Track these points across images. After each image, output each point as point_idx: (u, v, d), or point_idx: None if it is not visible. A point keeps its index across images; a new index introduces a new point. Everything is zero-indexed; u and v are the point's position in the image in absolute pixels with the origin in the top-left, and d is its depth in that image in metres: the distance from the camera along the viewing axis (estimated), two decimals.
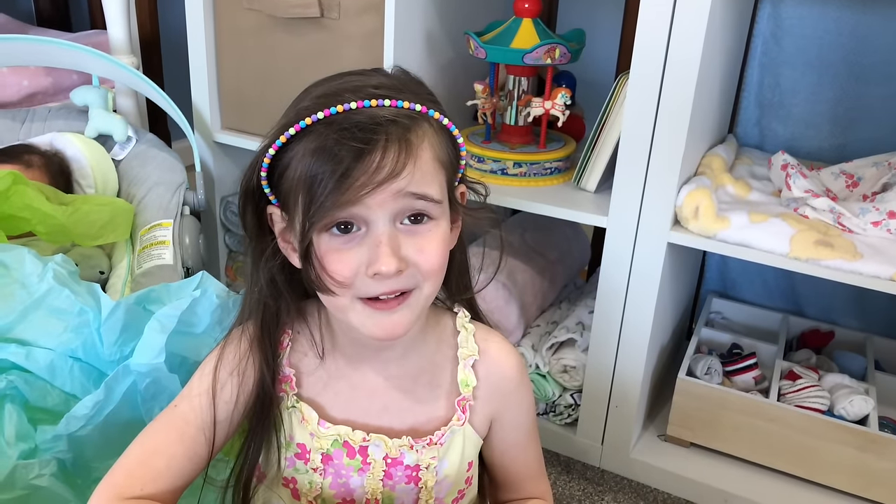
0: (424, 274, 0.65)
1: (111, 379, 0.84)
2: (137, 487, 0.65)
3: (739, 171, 1.32)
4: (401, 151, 0.61)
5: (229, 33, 1.46)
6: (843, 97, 1.36)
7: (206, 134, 1.54)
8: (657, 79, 1.10)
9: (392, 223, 0.63)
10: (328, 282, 0.63)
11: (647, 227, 1.17)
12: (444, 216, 0.67)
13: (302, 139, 0.62)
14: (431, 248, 0.64)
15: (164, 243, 1.31)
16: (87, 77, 1.56)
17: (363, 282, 0.63)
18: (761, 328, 1.51)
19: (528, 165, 1.31)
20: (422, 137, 0.63)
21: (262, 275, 0.69)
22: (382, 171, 0.60)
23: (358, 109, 0.61)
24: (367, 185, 0.60)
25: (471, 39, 1.28)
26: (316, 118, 0.61)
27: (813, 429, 1.20)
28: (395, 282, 0.63)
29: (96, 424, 0.81)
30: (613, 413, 1.30)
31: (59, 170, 1.39)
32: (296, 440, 0.71)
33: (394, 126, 0.61)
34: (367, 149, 0.60)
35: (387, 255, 0.61)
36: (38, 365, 0.88)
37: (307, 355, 0.73)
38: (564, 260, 1.56)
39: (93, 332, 0.91)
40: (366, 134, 0.60)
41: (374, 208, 0.61)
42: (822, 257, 1.06)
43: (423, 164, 0.63)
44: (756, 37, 1.41)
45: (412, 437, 0.71)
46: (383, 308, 0.64)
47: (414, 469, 0.71)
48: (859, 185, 1.25)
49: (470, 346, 0.74)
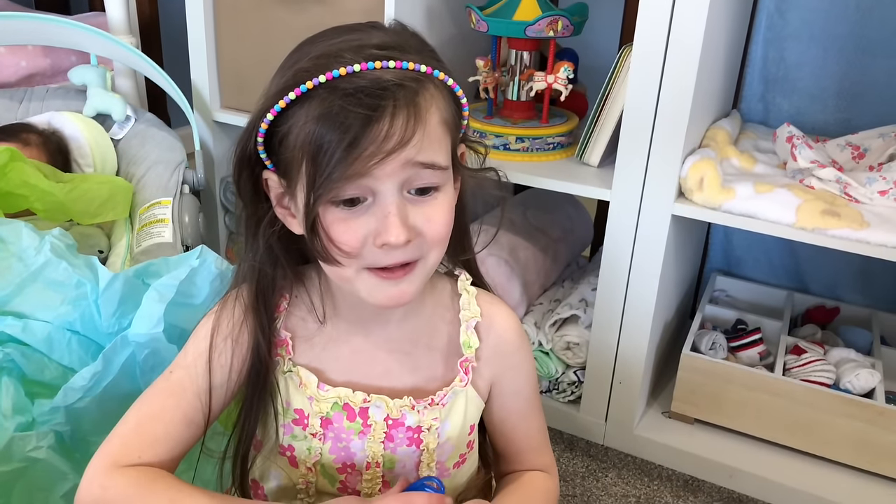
0: (430, 242, 0.63)
1: (109, 350, 0.83)
2: (135, 455, 0.64)
3: (744, 145, 1.31)
4: (409, 118, 0.58)
5: (228, 11, 1.44)
6: (849, 70, 1.35)
7: (206, 113, 1.52)
8: (661, 49, 1.08)
9: (400, 193, 0.61)
10: (335, 253, 0.62)
11: (651, 199, 1.15)
12: (450, 181, 0.65)
13: (303, 104, 0.59)
14: (438, 216, 0.63)
15: (164, 221, 1.30)
16: (85, 59, 1.55)
17: (371, 252, 0.62)
18: (766, 305, 1.49)
19: (531, 140, 1.30)
20: (429, 101, 0.61)
21: (259, 241, 0.67)
22: (392, 139, 0.58)
23: (361, 72, 0.58)
24: (376, 154, 0.57)
25: (472, 12, 1.27)
26: (318, 82, 0.58)
27: (819, 402, 1.19)
28: (402, 252, 0.62)
29: (94, 396, 0.80)
30: (617, 390, 1.29)
31: (58, 148, 1.38)
32: (293, 406, 0.70)
33: (401, 90, 0.58)
34: (375, 116, 0.57)
35: (396, 226, 0.60)
36: (35, 338, 0.87)
37: (305, 320, 0.71)
38: (567, 238, 1.55)
39: (90, 304, 0.90)
40: (373, 100, 0.57)
41: (383, 178, 0.59)
42: (829, 227, 1.05)
43: (431, 131, 0.61)
44: (760, 11, 1.40)
45: (413, 397, 0.70)
46: (390, 277, 0.63)
47: (416, 431, 0.70)
48: (865, 156, 1.24)
49: (472, 309, 0.73)
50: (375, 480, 0.71)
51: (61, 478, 0.77)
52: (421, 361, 0.72)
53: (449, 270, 0.76)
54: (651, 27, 1.08)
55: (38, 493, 0.76)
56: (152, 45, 1.87)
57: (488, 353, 0.73)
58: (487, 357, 0.73)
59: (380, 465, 0.70)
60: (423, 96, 0.60)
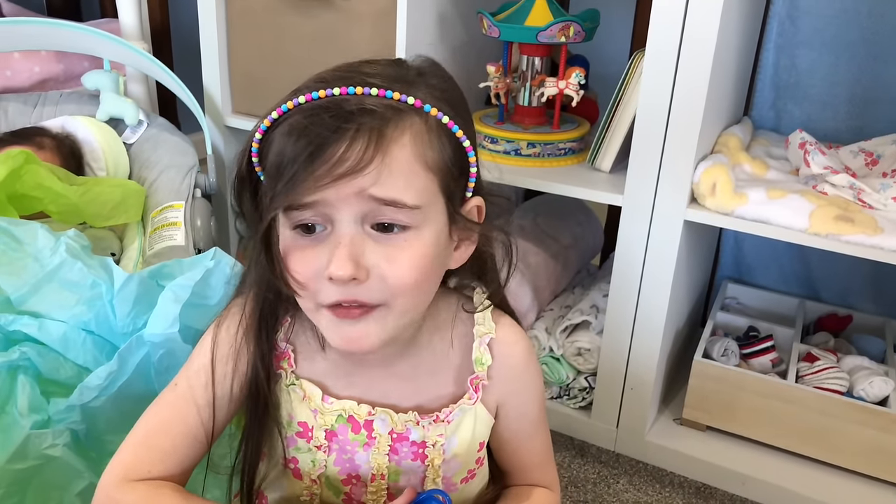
0: (392, 289, 0.59)
1: (124, 349, 0.83)
2: (145, 469, 0.64)
3: (756, 151, 1.31)
4: (369, 145, 0.55)
5: (240, 15, 1.45)
6: (861, 77, 1.34)
7: (218, 118, 1.53)
8: (674, 53, 1.09)
9: (358, 225, 0.58)
10: (289, 281, 0.60)
11: (664, 204, 1.15)
12: (430, 225, 0.60)
13: (286, 121, 0.58)
14: (405, 260, 0.58)
15: (176, 224, 1.31)
16: (98, 64, 1.56)
17: (323, 286, 0.59)
18: (777, 313, 1.49)
19: (542, 146, 1.30)
20: (402, 132, 0.57)
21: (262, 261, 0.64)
22: (344, 164, 0.55)
23: (340, 96, 0.56)
24: (325, 177, 0.55)
25: (484, 18, 1.27)
26: (297, 102, 0.57)
27: (832, 410, 1.18)
28: (354, 291, 0.58)
29: (109, 395, 0.80)
30: (629, 396, 1.28)
31: (71, 152, 1.39)
32: (296, 418, 0.68)
33: (369, 116, 0.56)
34: (333, 137, 0.55)
35: (341, 258, 0.57)
36: (50, 337, 0.87)
37: (307, 335, 0.69)
38: (577, 245, 1.54)
39: (105, 304, 0.90)
40: (336, 122, 0.55)
41: (338, 206, 0.57)
42: (843, 232, 1.05)
43: (396, 164, 0.57)
44: (771, 18, 1.40)
45: (418, 412, 0.68)
46: (345, 317, 0.60)
47: (420, 446, 0.69)
48: (879, 162, 1.23)
49: (487, 325, 0.71)
50: (380, 492, 0.70)
51: (76, 476, 0.77)
52: (422, 386, 0.70)
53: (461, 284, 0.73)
54: (664, 31, 1.08)
55: (54, 492, 0.76)
56: (163, 51, 1.88)
57: (499, 372, 0.71)
58: (497, 375, 0.71)
59: (385, 477, 0.69)
60: (394, 126, 0.57)
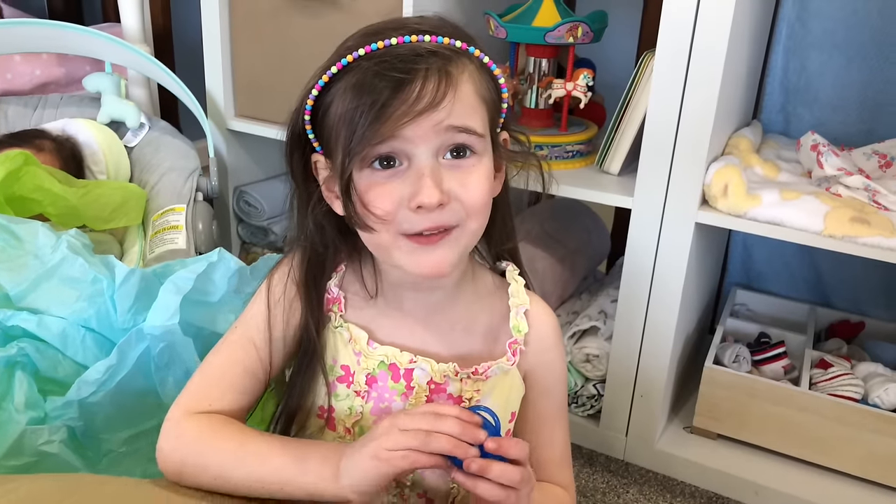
0: (468, 209, 0.64)
1: (124, 343, 0.81)
2: (205, 403, 0.68)
3: (766, 154, 1.29)
4: (440, 81, 0.61)
5: (243, 18, 1.44)
6: (872, 79, 1.33)
7: (220, 122, 1.51)
8: (685, 54, 1.07)
9: (434, 157, 0.63)
10: (369, 218, 0.63)
11: (675, 206, 1.13)
12: (487, 154, 0.66)
13: (344, 77, 0.62)
14: (475, 182, 0.64)
15: (177, 228, 1.29)
16: (99, 68, 1.54)
17: (406, 216, 0.63)
18: (788, 319, 1.46)
19: (550, 148, 1.28)
20: (462, 70, 0.63)
21: (309, 221, 0.70)
22: (422, 101, 0.60)
23: (398, 44, 0.62)
24: (406, 114, 0.60)
25: (491, 19, 1.26)
26: (357, 55, 0.62)
27: (847, 417, 1.16)
28: (438, 216, 0.63)
29: (108, 391, 0.78)
30: (638, 403, 1.25)
31: (71, 155, 1.37)
32: (339, 362, 0.71)
33: (434, 57, 0.61)
34: (407, 79, 0.60)
35: (429, 187, 0.61)
36: (50, 333, 0.86)
37: (357, 285, 0.73)
38: (584, 250, 1.52)
39: (106, 300, 0.88)
40: (405, 64, 0.60)
41: (416, 141, 0.61)
42: (859, 234, 1.02)
43: (464, 97, 0.62)
44: (781, 20, 1.38)
45: (458, 364, 0.71)
46: (426, 243, 0.64)
47: (456, 400, 0.70)
48: (892, 164, 1.21)
49: (521, 297, 0.75)
50: None
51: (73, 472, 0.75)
52: (459, 341, 0.73)
53: (492, 265, 0.78)
54: (675, 32, 1.07)
55: None
56: (165, 55, 1.86)
57: (532, 342, 0.75)
58: (531, 345, 0.75)
59: None
60: (455, 65, 0.63)
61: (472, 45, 0.64)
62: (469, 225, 0.65)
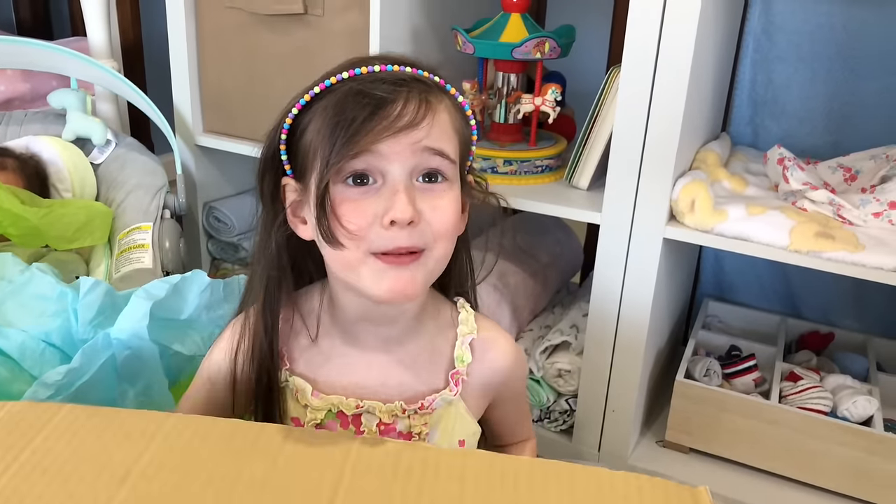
0: (436, 233, 0.65)
1: (88, 347, 0.79)
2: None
3: (734, 167, 1.29)
4: (421, 104, 0.63)
5: (211, 33, 1.42)
6: (838, 92, 1.34)
7: (188, 137, 1.50)
8: (649, 70, 1.07)
9: (409, 177, 0.64)
10: (341, 233, 0.64)
11: (642, 222, 1.13)
12: (457, 184, 0.68)
13: (324, 97, 0.65)
14: (445, 206, 0.66)
15: (144, 247, 1.27)
16: (66, 83, 1.52)
17: (377, 233, 0.64)
18: (759, 331, 1.47)
19: (519, 163, 1.28)
20: (440, 101, 0.66)
21: (271, 243, 0.70)
22: (402, 119, 0.62)
23: (381, 71, 0.65)
24: (386, 129, 0.62)
25: (458, 35, 1.25)
26: (341, 77, 0.64)
27: (816, 431, 1.16)
28: (408, 235, 0.64)
29: (66, 395, 0.76)
30: (610, 418, 1.25)
31: (35, 173, 1.35)
32: (289, 414, 0.73)
33: (416, 83, 0.64)
34: (389, 98, 0.62)
35: (403, 202, 0.62)
36: (9, 343, 0.85)
37: (299, 335, 0.74)
38: (557, 263, 1.52)
39: (69, 314, 0.87)
40: (388, 86, 0.63)
41: (392, 158, 0.63)
42: (824, 249, 1.03)
43: (442, 123, 0.65)
44: (748, 34, 1.39)
45: (406, 402, 0.72)
46: (396, 263, 0.64)
47: (406, 436, 0.72)
48: (857, 178, 1.22)
49: (469, 325, 0.76)
50: None
51: None
52: (420, 376, 0.73)
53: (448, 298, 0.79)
54: (639, 48, 1.07)
55: None
56: (135, 69, 1.85)
57: (482, 375, 0.75)
58: (479, 378, 0.75)
59: None
60: (434, 96, 0.66)
61: (448, 84, 0.68)
62: (436, 250, 0.66)
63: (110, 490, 0.52)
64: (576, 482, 0.55)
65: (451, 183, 0.67)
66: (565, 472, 0.56)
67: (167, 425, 0.59)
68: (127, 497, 0.51)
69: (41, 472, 0.53)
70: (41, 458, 0.54)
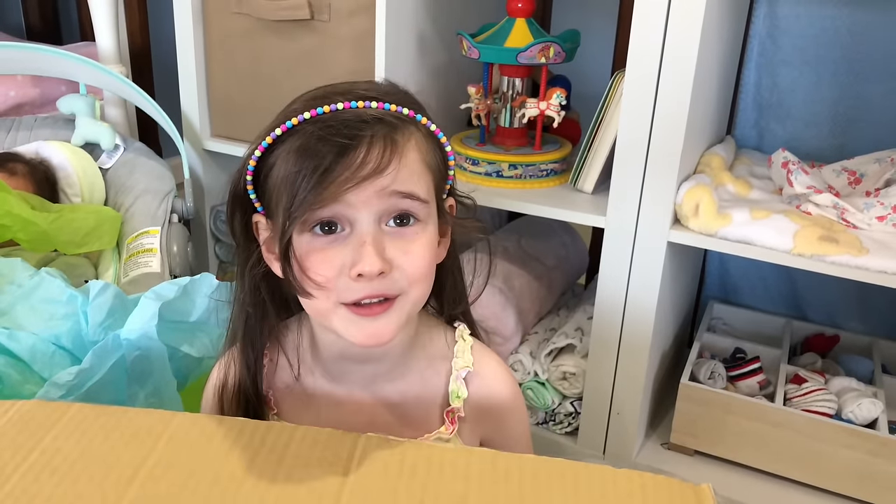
0: (410, 278, 0.63)
1: (99, 348, 0.80)
2: None
3: (739, 171, 1.30)
4: (386, 148, 0.60)
5: (218, 39, 1.44)
6: (843, 95, 1.34)
7: (196, 142, 1.51)
8: (654, 73, 1.07)
9: (377, 224, 0.61)
10: (308, 284, 0.62)
11: (647, 226, 1.14)
12: (432, 221, 0.65)
13: (287, 140, 0.61)
14: (417, 250, 0.63)
15: (152, 251, 1.28)
16: (75, 89, 1.54)
17: (346, 284, 0.61)
18: (764, 333, 1.47)
19: (524, 167, 1.29)
20: (408, 138, 0.62)
21: (246, 281, 0.68)
22: (366, 166, 0.59)
23: (344, 109, 0.61)
24: (350, 180, 0.59)
25: (464, 40, 1.26)
26: (302, 118, 0.61)
27: (821, 433, 1.16)
28: (379, 284, 0.61)
29: (77, 396, 0.77)
30: (615, 421, 1.26)
31: (45, 178, 1.37)
32: None
33: (380, 124, 0.60)
34: (352, 144, 0.59)
35: (370, 255, 0.60)
36: (20, 346, 0.86)
37: (283, 373, 0.72)
38: (562, 266, 1.53)
39: (80, 318, 0.88)
40: (350, 130, 0.59)
41: (359, 207, 0.60)
42: (827, 253, 1.03)
43: (410, 163, 0.62)
44: (752, 38, 1.39)
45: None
46: (367, 314, 0.62)
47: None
48: (862, 181, 1.22)
49: (465, 358, 0.72)
50: None
51: None
52: (410, 413, 0.70)
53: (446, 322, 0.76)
54: (644, 52, 1.07)
55: None
56: (143, 74, 1.86)
57: (476, 410, 0.72)
58: (475, 414, 0.72)
59: None
60: (401, 133, 0.62)
61: (419, 113, 0.64)
62: (411, 293, 0.63)
63: (118, 490, 0.53)
64: (580, 480, 0.56)
65: (424, 224, 0.64)
66: (569, 471, 0.57)
67: (174, 424, 0.60)
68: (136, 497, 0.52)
69: (50, 472, 0.54)
70: (50, 457, 0.55)
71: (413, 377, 0.71)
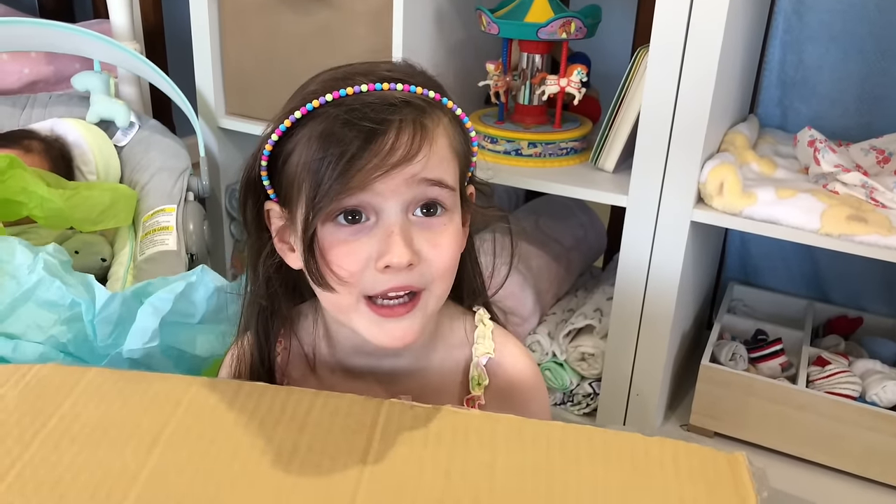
0: (435, 272, 0.60)
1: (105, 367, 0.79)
2: None
3: (763, 150, 1.27)
4: (416, 133, 0.57)
5: (232, 15, 1.42)
6: (870, 73, 1.31)
7: (211, 120, 1.50)
8: (678, 50, 1.05)
9: (404, 213, 0.59)
10: (331, 278, 0.59)
11: (670, 205, 1.12)
12: (457, 210, 0.63)
13: (307, 124, 0.58)
14: (445, 243, 0.60)
15: (168, 229, 1.27)
16: (89, 66, 1.53)
17: (371, 277, 0.59)
18: (786, 315, 1.45)
19: (544, 145, 1.27)
20: (437, 122, 0.60)
21: (259, 272, 0.66)
22: (396, 153, 0.56)
23: (369, 91, 0.57)
24: (378, 167, 0.56)
25: (483, 15, 1.24)
26: (324, 101, 0.57)
27: (844, 416, 1.15)
28: (405, 277, 0.59)
29: None
30: (634, 402, 1.24)
31: (60, 155, 1.36)
32: None
33: (408, 108, 0.57)
34: (380, 129, 0.56)
35: (399, 246, 0.57)
36: (26, 358, 0.83)
37: (298, 363, 0.70)
38: (580, 247, 1.51)
39: (85, 324, 0.86)
40: (377, 114, 0.56)
41: (387, 195, 0.57)
42: (856, 233, 1.01)
43: (439, 150, 0.59)
44: (777, 14, 1.36)
45: None
46: (390, 315, 0.60)
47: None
48: (890, 160, 1.20)
49: (486, 344, 0.70)
50: None
51: None
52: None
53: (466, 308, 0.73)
54: (669, 27, 1.05)
55: None
56: (157, 52, 1.85)
57: (499, 395, 0.70)
58: (498, 398, 0.70)
59: None
60: (430, 117, 0.59)
61: (444, 97, 0.61)
62: (435, 289, 0.61)
63: (139, 458, 0.52)
64: (610, 448, 0.54)
65: (451, 214, 0.61)
66: (598, 438, 0.55)
67: (192, 390, 0.58)
68: (157, 465, 0.51)
69: (70, 439, 0.53)
70: (70, 424, 0.54)
71: (433, 369, 0.69)
